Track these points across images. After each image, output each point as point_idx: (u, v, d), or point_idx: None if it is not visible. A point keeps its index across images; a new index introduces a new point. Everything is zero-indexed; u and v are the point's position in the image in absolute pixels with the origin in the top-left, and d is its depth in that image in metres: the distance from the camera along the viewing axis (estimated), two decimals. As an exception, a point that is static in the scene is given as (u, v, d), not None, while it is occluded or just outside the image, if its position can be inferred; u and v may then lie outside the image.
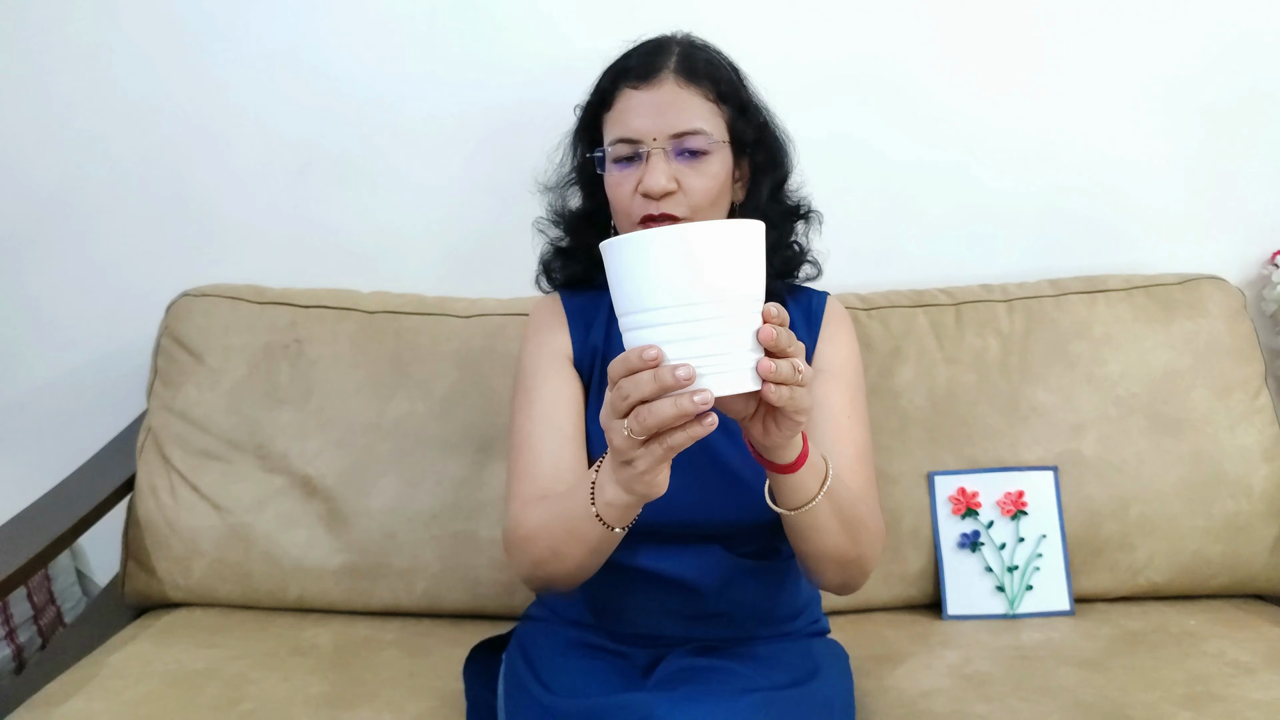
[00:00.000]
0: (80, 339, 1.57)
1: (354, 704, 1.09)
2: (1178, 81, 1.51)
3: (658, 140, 0.95)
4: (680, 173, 0.95)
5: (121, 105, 1.50)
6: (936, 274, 1.52)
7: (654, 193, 0.94)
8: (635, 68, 0.98)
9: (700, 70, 0.98)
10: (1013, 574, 1.33)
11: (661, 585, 0.99)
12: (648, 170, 0.94)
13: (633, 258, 0.69)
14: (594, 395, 1.02)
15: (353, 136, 1.52)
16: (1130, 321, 1.40)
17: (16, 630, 1.44)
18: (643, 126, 0.95)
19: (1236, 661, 1.16)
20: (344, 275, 1.50)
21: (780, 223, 1.05)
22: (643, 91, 0.96)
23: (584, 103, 1.05)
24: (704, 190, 0.96)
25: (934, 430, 1.36)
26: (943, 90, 1.51)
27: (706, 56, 1.00)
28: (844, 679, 1.03)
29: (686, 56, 0.99)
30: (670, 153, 0.95)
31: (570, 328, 1.06)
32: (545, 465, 0.97)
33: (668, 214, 0.95)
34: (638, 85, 0.97)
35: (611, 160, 0.98)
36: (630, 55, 1.01)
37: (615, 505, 0.79)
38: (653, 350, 0.68)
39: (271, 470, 1.34)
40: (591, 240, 1.02)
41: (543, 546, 0.89)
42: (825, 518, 0.85)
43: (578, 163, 1.07)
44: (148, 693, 1.09)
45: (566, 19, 1.48)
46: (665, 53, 0.99)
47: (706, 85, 0.97)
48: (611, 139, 0.98)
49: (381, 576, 1.32)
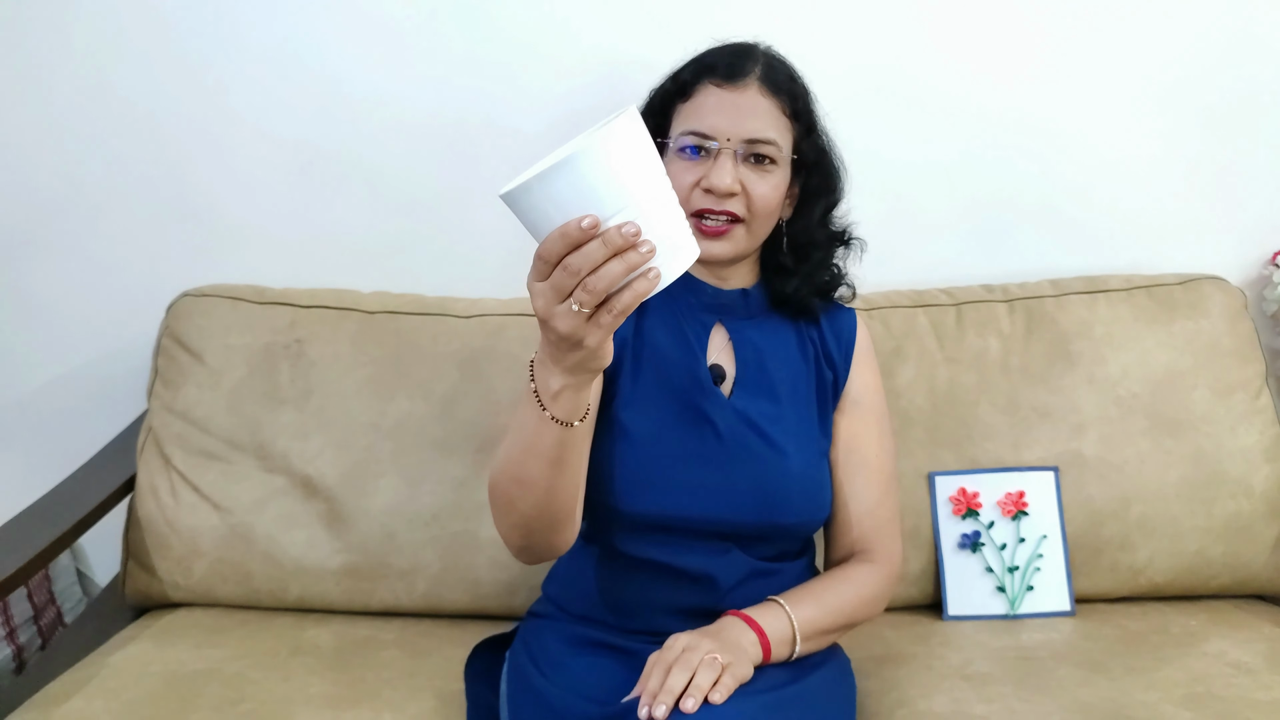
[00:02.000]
0: (81, 339, 1.57)
1: (354, 704, 1.09)
2: (1178, 81, 1.51)
3: (731, 141, 0.96)
4: (745, 177, 0.97)
5: (122, 106, 1.50)
6: (937, 274, 1.52)
7: (719, 190, 0.96)
8: (722, 66, 0.99)
9: (783, 84, 1.00)
10: (1013, 574, 1.33)
11: (675, 580, 0.99)
12: (715, 167, 0.96)
13: (541, 199, 0.67)
14: (625, 382, 1.02)
15: (353, 136, 1.52)
16: (1131, 322, 1.40)
17: (17, 630, 1.44)
18: (720, 124, 0.97)
19: (1237, 662, 1.16)
20: (344, 275, 1.50)
21: (826, 246, 1.07)
22: (726, 90, 0.98)
23: (658, 87, 1.05)
24: (765, 198, 0.98)
25: (934, 430, 1.36)
26: (943, 90, 1.51)
27: (788, 72, 1.03)
28: (845, 680, 1.03)
29: (771, 67, 1.01)
30: (739, 155, 0.97)
31: None
32: None
33: (728, 211, 0.97)
34: (721, 83, 0.98)
35: (677, 149, 0.99)
36: (717, 52, 1.02)
37: (564, 394, 0.78)
38: (589, 218, 0.66)
39: (272, 470, 1.34)
40: None
41: (507, 479, 0.88)
42: (813, 645, 0.97)
43: None
44: (148, 693, 1.09)
45: (567, 19, 1.48)
46: (752, 58, 1.00)
47: (785, 99, 1.00)
48: (684, 130, 0.99)
49: (382, 577, 1.32)
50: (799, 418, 1.03)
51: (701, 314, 1.05)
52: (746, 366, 1.04)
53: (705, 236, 0.97)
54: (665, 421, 1.00)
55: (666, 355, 1.03)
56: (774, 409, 1.02)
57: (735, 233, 0.99)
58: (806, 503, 1.01)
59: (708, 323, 1.05)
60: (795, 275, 1.05)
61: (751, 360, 1.04)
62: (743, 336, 1.05)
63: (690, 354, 1.03)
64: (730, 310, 1.06)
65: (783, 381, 1.04)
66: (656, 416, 1.00)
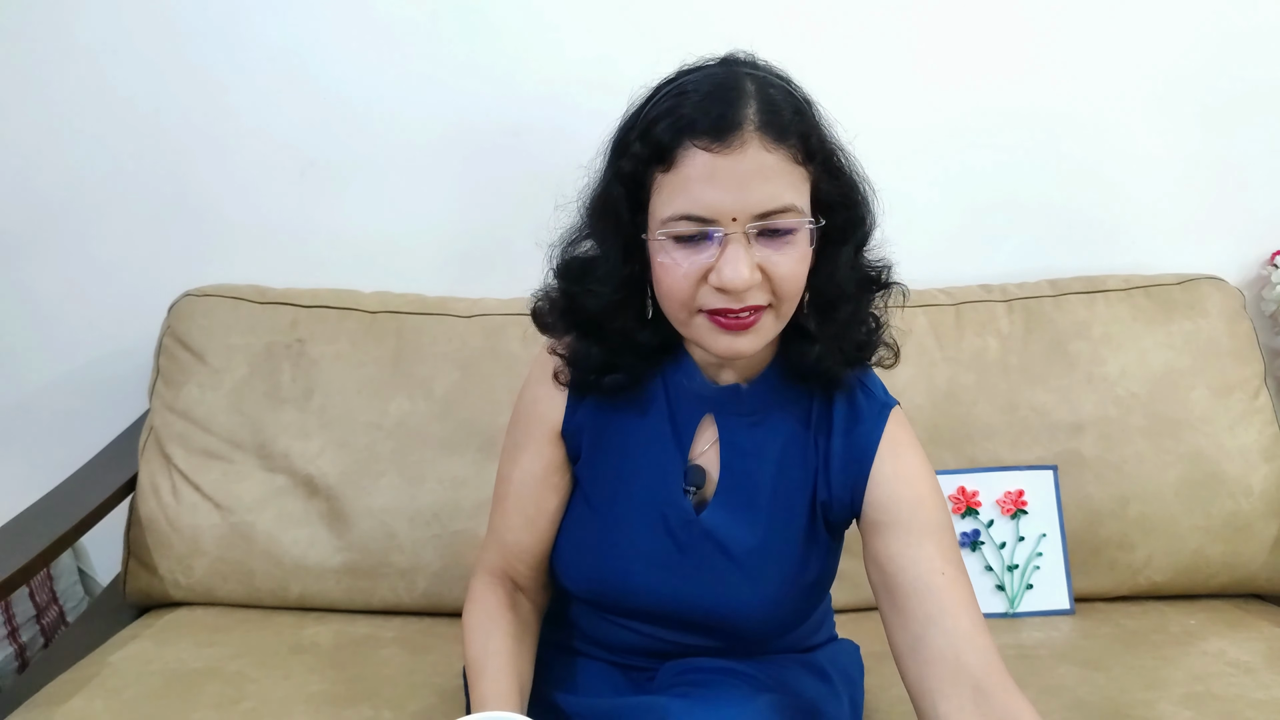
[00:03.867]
0: (82, 339, 1.57)
1: (354, 702, 1.09)
2: (1177, 81, 1.51)
3: (739, 221, 0.74)
4: (764, 257, 0.76)
5: (124, 107, 1.50)
6: (936, 274, 1.52)
7: (737, 289, 0.75)
8: (705, 120, 0.74)
9: (788, 125, 0.76)
10: (1013, 573, 1.33)
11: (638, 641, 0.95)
12: (726, 259, 0.74)
13: None
14: (581, 467, 0.92)
15: (354, 138, 1.52)
16: (1130, 321, 1.40)
17: (19, 629, 1.44)
18: (720, 203, 0.74)
19: (1236, 661, 1.16)
20: (345, 275, 1.50)
21: (857, 294, 0.84)
22: (718, 155, 0.73)
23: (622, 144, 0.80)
24: (794, 278, 0.77)
25: (934, 430, 1.37)
26: (941, 90, 1.51)
27: (793, 104, 0.78)
28: (852, 678, 1.02)
29: (768, 104, 0.76)
30: (752, 236, 0.75)
31: (569, 395, 0.91)
32: (508, 539, 0.94)
33: (751, 306, 0.76)
34: (710, 146, 0.74)
35: (671, 238, 0.77)
36: (694, 101, 0.76)
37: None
38: None
39: (273, 469, 1.34)
40: (629, 322, 0.84)
41: (464, 648, 0.90)
42: None
43: (610, 218, 0.81)
44: (149, 691, 1.09)
45: (566, 23, 1.48)
46: (741, 98, 0.75)
47: (794, 143, 0.76)
48: (674, 213, 0.76)
49: (382, 575, 1.33)
50: (780, 539, 0.88)
51: (693, 402, 0.89)
52: (731, 474, 0.88)
53: (725, 332, 0.77)
54: (627, 518, 0.90)
55: (641, 449, 0.90)
56: (751, 529, 0.87)
57: (763, 322, 0.78)
58: (772, 626, 0.90)
59: (698, 413, 0.89)
60: (818, 341, 0.83)
61: (738, 467, 0.88)
62: (733, 438, 0.88)
63: (667, 451, 0.89)
64: (724, 405, 0.89)
65: (769, 494, 0.88)
66: (618, 511, 0.90)
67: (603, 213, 0.82)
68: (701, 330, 0.79)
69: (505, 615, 0.91)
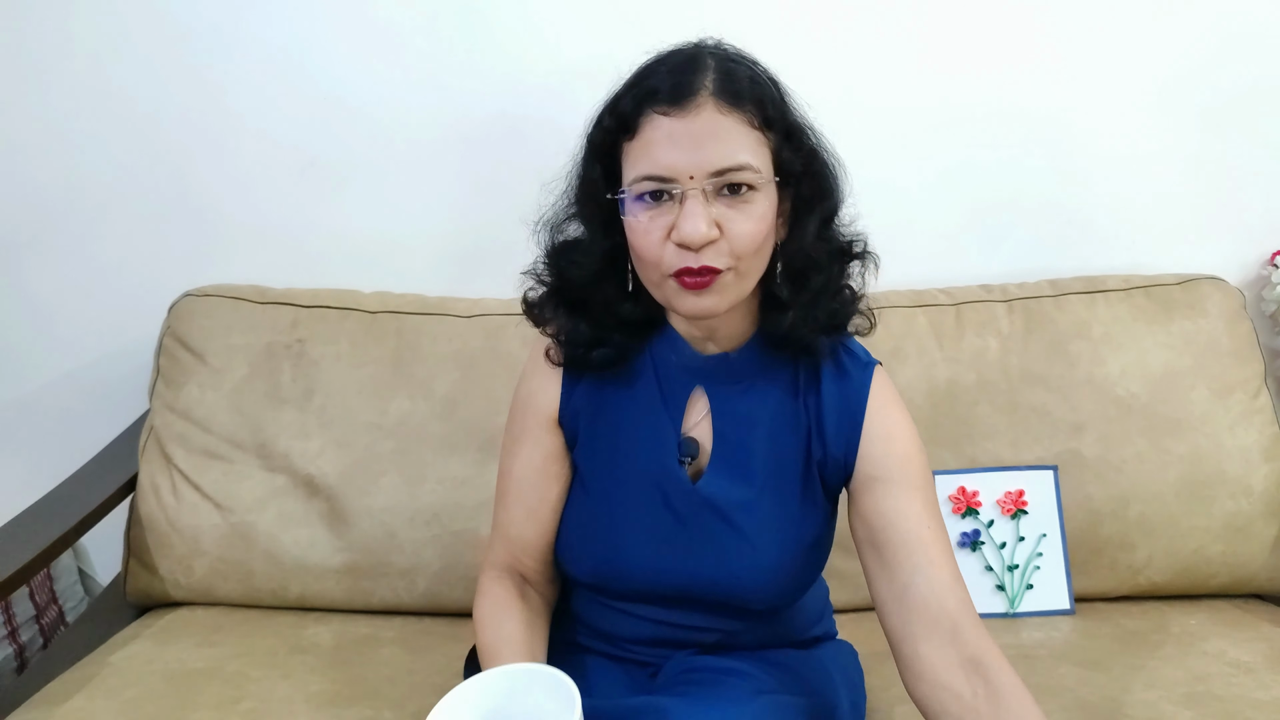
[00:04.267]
0: (83, 339, 1.57)
1: (355, 702, 1.09)
2: (1177, 81, 1.51)
3: (695, 179, 0.78)
4: (722, 216, 0.79)
5: (124, 107, 1.50)
6: (936, 274, 1.52)
7: (693, 243, 0.78)
8: (665, 90, 0.80)
9: (743, 91, 0.80)
10: (1013, 573, 1.33)
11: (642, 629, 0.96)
12: (684, 215, 0.78)
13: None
14: (578, 453, 0.95)
15: (354, 138, 1.52)
16: (1130, 322, 1.40)
17: (19, 629, 1.44)
18: (677, 162, 0.78)
19: (1236, 661, 1.16)
20: (345, 275, 1.50)
21: (829, 264, 0.88)
22: (675, 119, 0.79)
23: (598, 121, 0.86)
24: (750, 235, 0.80)
25: (934, 430, 1.37)
26: (941, 90, 1.51)
27: (749, 73, 0.82)
28: (853, 681, 1.02)
29: (725, 74, 0.81)
30: (710, 193, 0.79)
31: (563, 380, 0.95)
32: (513, 532, 0.96)
33: (708, 267, 0.79)
34: (669, 111, 0.79)
35: (634, 199, 0.81)
36: (657, 72, 0.82)
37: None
38: None
39: (273, 469, 1.34)
40: (611, 293, 0.89)
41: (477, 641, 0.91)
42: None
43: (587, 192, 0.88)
44: (149, 691, 1.09)
45: (564, 24, 1.49)
46: (700, 69, 0.81)
47: (750, 109, 0.80)
48: (637, 175, 0.81)
49: (383, 575, 1.33)
50: (778, 501, 0.90)
51: (682, 375, 0.92)
52: (724, 442, 0.91)
53: (689, 291, 0.81)
54: (625, 498, 0.91)
55: (634, 426, 0.92)
56: (747, 493, 0.89)
57: (723, 281, 0.81)
58: (776, 592, 0.91)
59: (688, 386, 0.92)
60: (791, 309, 0.86)
61: (731, 435, 0.91)
62: (724, 407, 0.91)
63: (660, 427, 0.91)
64: (712, 376, 0.91)
65: (765, 458, 0.90)
66: (616, 491, 0.92)
67: (582, 189, 0.88)
68: (671, 293, 0.83)
69: (515, 604, 0.92)
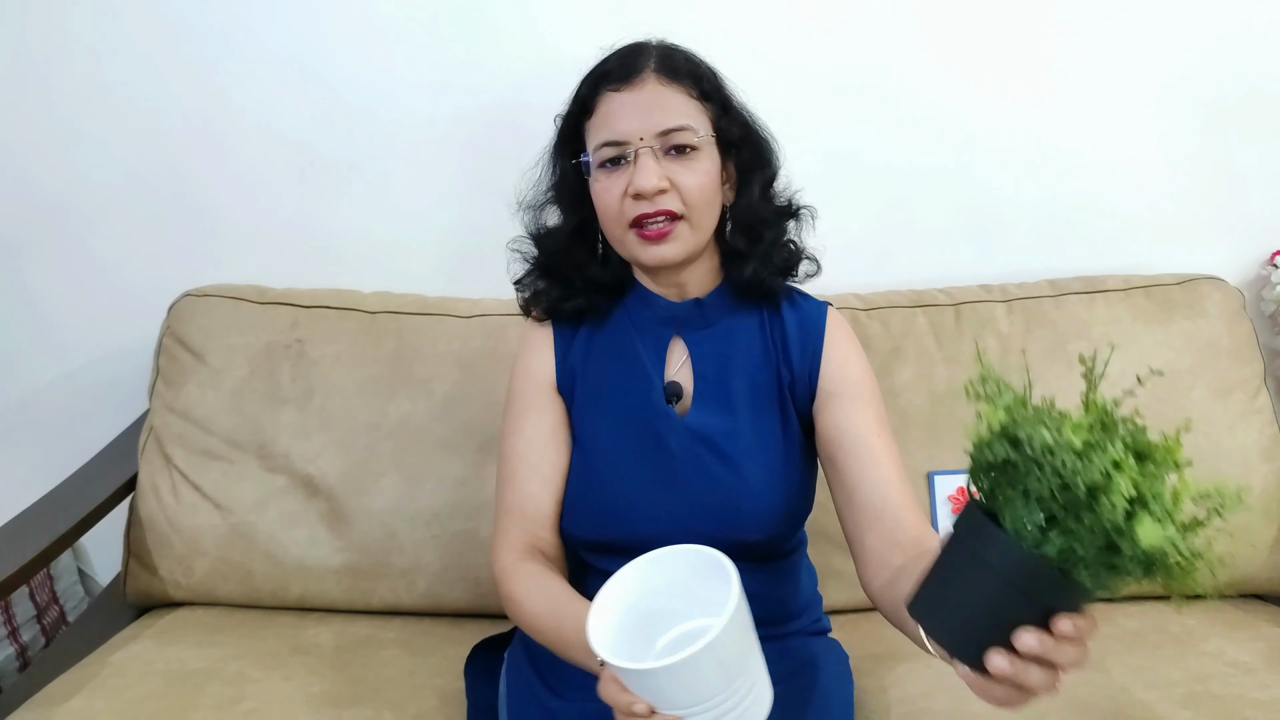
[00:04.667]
0: (82, 339, 1.57)
1: (355, 703, 1.09)
2: (1177, 81, 1.51)
3: (645, 139, 0.92)
4: (671, 171, 0.93)
5: (123, 107, 1.50)
6: (936, 274, 1.52)
7: (646, 192, 0.91)
8: (615, 70, 0.96)
9: (681, 68, 0.96)
10: (1012, 574, 1.33)
11: None
12: (637, 170, 0.92)
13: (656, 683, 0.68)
14: (579, 412, 1.03)
15: (354, 137, 1.52)
16: (1129, 322, 1.40)
17: (19, 629, 1.44)
18: (628, 127, 0.93)
19: (1236, 661, 1.16)
20: (345, 275, 1.50)
21: (775, 222, 1.02)
22: (625, 93, 0.94)
23: (564, 113, 1.01)
24: (697, 188, 0.93)
25: (933, 430, 1.37)
26: (941, 91, 1.51)
27: (685, 56, 0.99)
28: (843, 679, 1.03)
29: (666, 56, 0.97)
30: (659, 151, 0.93)
31: (555, 347, 1.05)
32: (528, 508, 0.98)
33: (664, 210, 0.92)
34: (619, 87, 0.95)
35: (597, 165, 0.95)
36: (608, 59, 0.99)
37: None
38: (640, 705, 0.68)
39: (273, 470, 1.34)
40: (581, 258, 1.03)
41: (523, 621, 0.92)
42: None
43: (559, 175, 1.03)
44: (149, 692, 1.09)
45: (565, 23, 1.48)
46: (644, 54, 0.97)
47: (688, 83, 0.96)
48: (596, 143, 0.95)
49: (383, 576, 1.33)
50: (758, 427, 0.99)
51: (659, 328, 1.03)
52: (704, 381, 1.00)
53: (649, 242, 0.94)
54: (620, 447, 0.99)
55: (621, 378, 1.01)
56: (731, 422, 0.98)
57: (678, 231, 0.94)
58: (769, 517, 0.97)
59: (665, 337, 1.02)
60: (751, 258, 1.00)
61: (710, 373, 1.01)
62: (701, 349, 1.02)
63: (644, 375, 1.01)
64: (687, 322, 1.02)
65: (742, 390, 1.00)
66: (611, 442, 0.99)
67: (553, 170, 1.04)
68: (633, 245, 0.95)
69: (549, 572, 0.94)
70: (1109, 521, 0.55)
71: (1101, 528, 0.56)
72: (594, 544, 0.99)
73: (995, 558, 0.58)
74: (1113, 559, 0.56)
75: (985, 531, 0.59)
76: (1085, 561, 0.57)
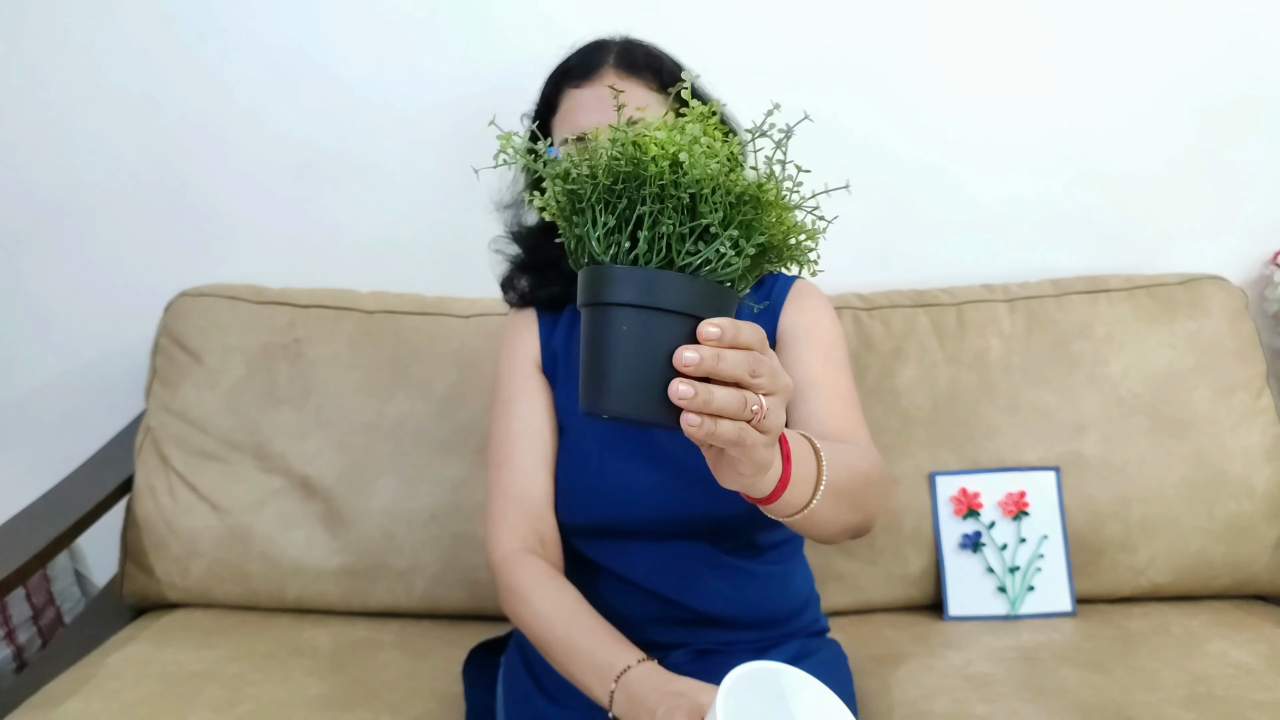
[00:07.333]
0: (78, 339, 1.57)
1: (353, 705, 1.08)
2: (1179, 81, 1.50)
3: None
4: None
5: (120, 104, 1.49)
6: (938, 274, 1.52)
7: None
8: (575, 67, 0.99)
9: (640, 62, 0.99)
10: (1014, 575, 1.32)
11: (645, 594, 0.98)
12: None
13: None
14: (560, 396, 1.04)
15: (353, 136, 1.51)
16: (1132, 321, 1.39)
17: (16, 630, 1.43)
18: (589, 122, 0.95)
19: (1239, 663, 1.15)
20: (343, 275, 1.49)
21: None
22: (585, 89, 0.97)
23: (531, 112, 1.04)
24: None
25: (935, 430, 1.36)
26: (943, 91, 1.51)
27: (646, 50, 1.01)
28: (842, 679, 1.02)
29: (625, 51, 1.00)
30: None
31: (540, 330, 1.08)
32: (521, 487, 0.99)
33: None
34: (580, 83, 0.98)
35: None
36: (570, 58, 1.01)
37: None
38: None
39: (270, 471, 1.34)
40: (554, 253, 1.03)
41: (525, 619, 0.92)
42: (826, 510, 0.74)
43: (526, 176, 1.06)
44: (146, 693, 1.09)
45: (567, 19, 1.47)
46: (604, 50, 1.00)
47: (648, 75, 0.98)
48: (560, 139, 0.98)
49: (380, 577, 1.32)
50: None
51: None
52: None
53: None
54: (599, 428, 0.99)
55: None
56: None
57: None
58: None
59: None
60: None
61: None
62: None
63: None
64: None
65: None
66: (592, 423, 0.99)
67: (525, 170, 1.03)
68: None
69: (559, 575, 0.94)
70: (662, 185, 0.57)
71: (659, 193, 0.57)
72: (583, 528, 1.00)
73: (615, 294, 0.57)
74: (698, 222, 0.58)
75: (597, 280, 0.58)
76: (678, 240, 0.58)
